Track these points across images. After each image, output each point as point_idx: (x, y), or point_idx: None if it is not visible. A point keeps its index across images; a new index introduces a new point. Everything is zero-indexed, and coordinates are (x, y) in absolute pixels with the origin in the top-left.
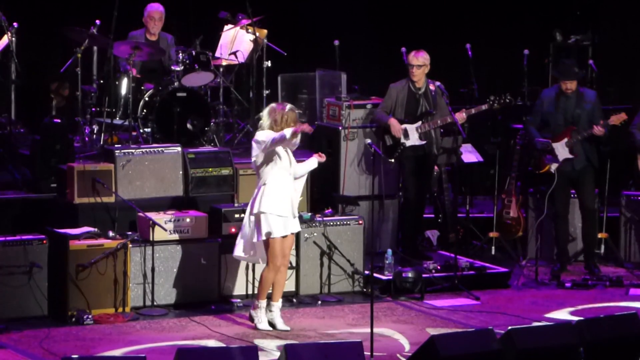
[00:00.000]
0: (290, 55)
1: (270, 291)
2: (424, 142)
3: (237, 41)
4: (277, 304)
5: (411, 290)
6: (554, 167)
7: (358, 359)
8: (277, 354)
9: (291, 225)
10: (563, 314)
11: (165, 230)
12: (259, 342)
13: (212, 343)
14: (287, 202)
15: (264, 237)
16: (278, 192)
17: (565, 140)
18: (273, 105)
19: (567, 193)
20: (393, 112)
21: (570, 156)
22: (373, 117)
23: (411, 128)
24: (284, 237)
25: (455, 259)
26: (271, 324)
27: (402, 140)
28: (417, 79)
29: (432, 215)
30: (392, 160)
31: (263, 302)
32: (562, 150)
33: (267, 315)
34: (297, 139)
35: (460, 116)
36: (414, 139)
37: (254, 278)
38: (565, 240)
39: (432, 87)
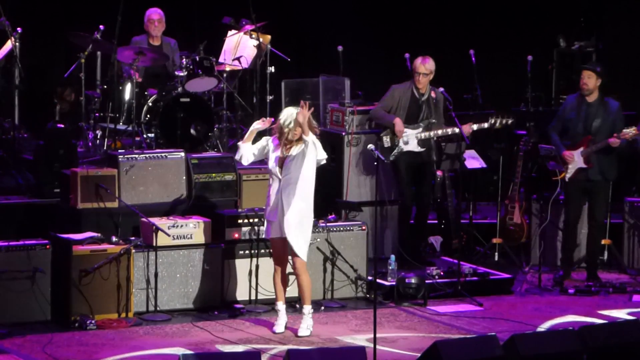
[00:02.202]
0: (294, 60)
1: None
2: (422, 150)
3: (240, 47)
4: (303, 309)
5: (414, 296)
6: (570, 173)
7: None
8: (280, 359)
9: (283, 229)
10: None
11: (169, 235)
12: (262, 347)
13: (215, 349)
14: (272, 206)
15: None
16: (269, 197)
17: (581, 149)
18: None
19: (579, 202)
20: (393, 114)
21: (584, 166)
22: (374, 114)
23: (411, 134)
24: (279, 239)
25: (459, 265)
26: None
27: (401, 144)
28: (422, 86)
29: (436, 221)
30: (388, 161)
31: (277, 305)
32: (577, 159)
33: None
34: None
35: (467, 130)
36: (412, 145)
37: (257, 284)
38: (572, 248)
39: (433, 94)
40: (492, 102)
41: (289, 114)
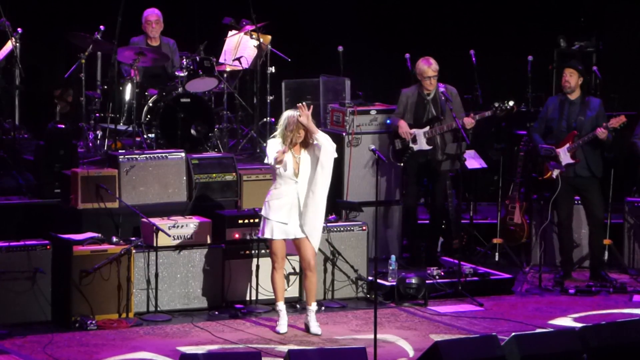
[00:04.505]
0: (294, 61)
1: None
2: (431, 147)
3: (241, 47)
4: (310, 307)
5: (415, 296)
6: (555, 173)
7: None
8: (281, 359)
9: (293, 231)
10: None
11: (169, 236)
12: (262, 347)
13: (215, 349)
14: (286, 209)
15: (264, 236)
16: (277, 199)
17: (568, 145)
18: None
19: (570, 200)
20: (403, 118)
21: (571, 161)
22: (392, 122)
23: (419, 133)
24: (284, 240)
25: (459, 265)
26: (307, 326)
27: (411, 144)
28: (433, 88)
29: None
30: (401, 164)
31: (278, 305)
32: (564, 155)
33: (304, 318)
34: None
35: (469, 121)
36: (421, 144)
37: (257, 284)
38: (570, 248)
39: (442, 89)
40: (492, 102)
41: (290, 120)
